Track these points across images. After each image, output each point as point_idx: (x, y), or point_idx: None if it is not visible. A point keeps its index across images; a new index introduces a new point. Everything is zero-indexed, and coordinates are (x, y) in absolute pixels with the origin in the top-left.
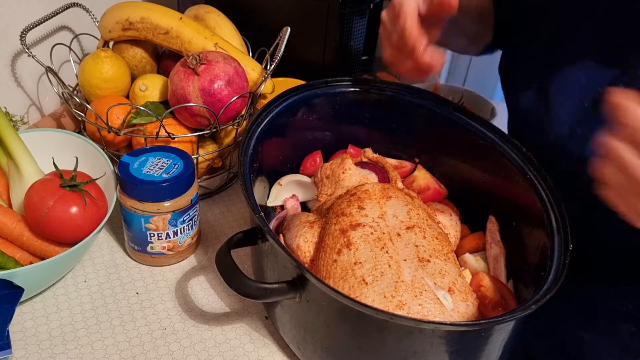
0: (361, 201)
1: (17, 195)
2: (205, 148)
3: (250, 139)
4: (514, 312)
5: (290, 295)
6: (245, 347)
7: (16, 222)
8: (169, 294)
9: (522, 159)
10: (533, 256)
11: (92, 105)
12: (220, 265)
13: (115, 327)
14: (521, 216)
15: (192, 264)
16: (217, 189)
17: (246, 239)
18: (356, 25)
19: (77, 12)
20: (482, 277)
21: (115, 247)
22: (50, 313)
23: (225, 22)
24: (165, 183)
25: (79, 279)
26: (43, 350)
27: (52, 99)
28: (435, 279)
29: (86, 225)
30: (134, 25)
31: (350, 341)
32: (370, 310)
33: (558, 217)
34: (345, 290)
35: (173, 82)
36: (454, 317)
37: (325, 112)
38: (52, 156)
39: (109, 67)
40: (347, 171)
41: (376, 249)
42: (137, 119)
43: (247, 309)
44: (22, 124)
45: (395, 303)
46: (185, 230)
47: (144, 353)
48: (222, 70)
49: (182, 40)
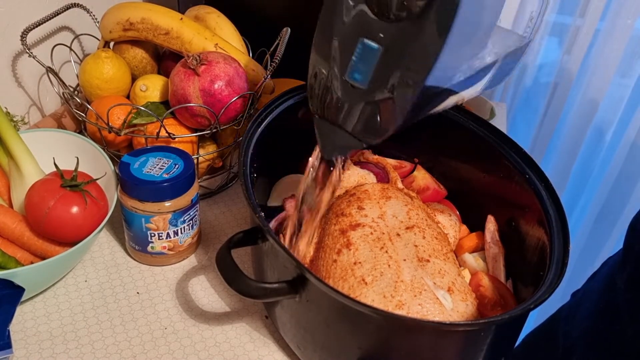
0: (361, 201)
1: (17, 195)
2: (206, 148)
3: (250, 139)
4: (513, 311)
5: (290, 295)
6: (245, 346)
7: (17, 222)
8: (169, 294)
9: (521, 159)
10: (532, 256)
11: (93, 106)
12: (221, 265)
13: (116, 327)
14: (520, 216)
15: (192, 263)
16: (218, 189)
17: (246, 239)
18: None
19: (78, 13)
20: (482, 277)
21: (116, 247)
22: (51, 313)
23: (226, 23)
24: (166, 183)
25: (80, 278)
26: (44, 350)
27: (53, 99)
28: (435, 278)
29: (87, 225)
30: (134, 25)
31: (350, 341)
32: (370, 310)
33: (557, 217)
34: (345, 290)
35: (173, 82)
36: (454, 316)
37: None
38: (53, 156)
39: (110, 68)
40: (347, 171)
41: (376, 249)
42: (137, 119)
43: (247, 308)
44: (23, 124)
45: (395, 303)
46: (186, 230)
47: (144, 352)
48: (223, 71)
49: (182, 41)
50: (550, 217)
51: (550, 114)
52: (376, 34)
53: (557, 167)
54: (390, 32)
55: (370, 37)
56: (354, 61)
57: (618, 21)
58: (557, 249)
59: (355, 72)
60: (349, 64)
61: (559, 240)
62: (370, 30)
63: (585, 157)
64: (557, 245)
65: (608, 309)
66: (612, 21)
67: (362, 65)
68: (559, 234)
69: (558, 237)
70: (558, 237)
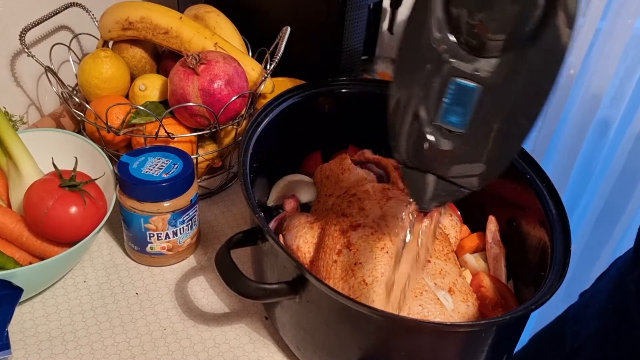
0: (361, 202)
1: (16, 195)
2: (205, 148)
3: (250, 138)
4: (514, 312)
5: (290, 295)
6: (245, 347)
7: (15, 222)
8: (168, 295)
9: (522, 159)
10: (533, 256)
11: (92, 105)
12: (220, 266)
13: (115, 328)
14: (521, 216)
15: (191, 264)
16: (217, 189)
17: (246, 239)
18: (356, 25)
19: (77, 12)
20: (483, 278)
21: (115, 247)
22: (49, 313)
23: (225, 22)
24: (165, 183)
25: (79, 279)
26: (42, 351)
27: (52, 98)
28: (436, 279)
29: (85, 225)
30: (133, 25)
31: (350, 342)
32: (370, 311)
33: (559, 217)
34: (345, 291)
35: (173, 82)
36: (454, 317)
37: (325, 112)
38: (52, 156)
39: (109, 67)
40: (347, 171)
41: (376, 249)
42: (136, 118)
43: (247, 309)
44: (22, 124)
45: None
46: (185, 231)
47: (143, 353)
48: (222, 70)
49: (181, 40)
50: (552, 217)
51: (551, 114)
52: (471, 72)
53: (558, 167)
54: (491, 68)
55: (463, 76)
56: (446, 104)
57: (619, 21)
58: (559, 249)
59: (451, 115)
60: (441, 107)
61: (560, 240)
62: (462, 68)
63: (586, 157)
64: (558, 246)
65: (618, 309)
66: (613, 21)
67: (457, 107)
68: (560, 234)
69: (559, 237)
70: (559, 237)
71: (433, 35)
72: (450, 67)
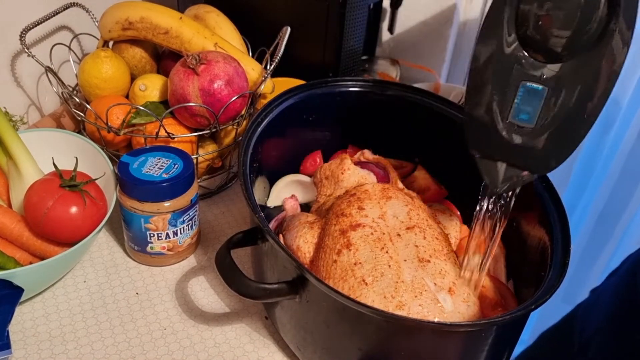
0: (361, 201)
1: (16, 195)
2: (205, 148)
3: (250, 138)
4: (514, 312)
5: (290, 295)
6: (245, 347)
7: (16, 222)
8: (168, 294)
9: None
10: (533, 256)
11: (92, 105)
12: (220, 266)
13: (115, 328)
14: (521, 216)
15: (191, 264)
16: (217, 189)
17: (246, 239)
18: (356, 25)
19: (77, 12)
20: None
21: (115, 247)
22: (49, 313)
23: (225, 22)
24: (165, 183)
25: (79, 279)
26: (43, 351)
27: (52, 98)
28: (436, 279)
29: (86, 225)
30: (133, 25)
31: (350, 341)
32: (370, 311)
33: (558, 217)
34: (345, 291)
35: (173, 82)
36: (454, 317)
37: (325, 112)
38: (52, 156)
39: (109, 67)
40: (347, 171)
41: (376, 249)
42: (136, 118)
43: (247, 309)
44: (22, 124)
45: (395, 303)
46: (185, 231)
47: (143, 353)
48: (222, 70)
49: (181, 40)
50: (552, 217)
51: None
52: (539, 76)
53: (558, 167)
54: (556, 72)
55: (531, 80)
56: (517, 104)
57: None
58: (558, 249)
59: (521, 114)
60: (512, 107)
61: (560, 240)
62: (530, 73)
63: (587, 157)
64: (558, 246)
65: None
66: None
67: (527, 107)
68: (560, 234)
69: (559, 237)
70: (559, 238)
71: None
72: (522, 72)
